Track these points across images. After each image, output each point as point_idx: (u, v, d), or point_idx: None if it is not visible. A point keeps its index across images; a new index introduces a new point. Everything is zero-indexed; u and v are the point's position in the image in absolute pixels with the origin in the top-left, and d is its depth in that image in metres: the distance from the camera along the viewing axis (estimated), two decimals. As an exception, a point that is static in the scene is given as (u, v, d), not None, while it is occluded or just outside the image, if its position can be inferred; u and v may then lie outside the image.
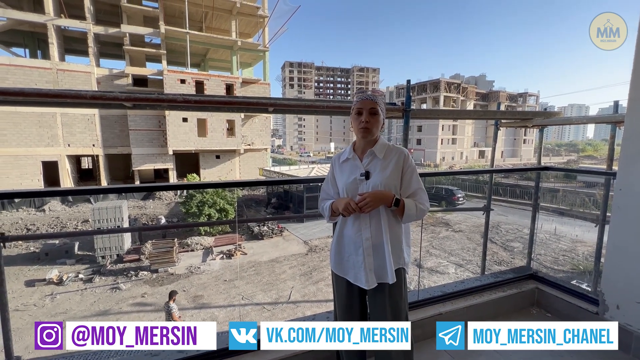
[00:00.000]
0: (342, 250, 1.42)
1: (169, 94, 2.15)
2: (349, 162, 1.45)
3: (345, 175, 1.43)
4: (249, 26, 26.16)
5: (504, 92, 60.14)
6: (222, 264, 12.01)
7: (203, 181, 17.47)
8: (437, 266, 11.55)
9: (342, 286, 1.43)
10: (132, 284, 10.46)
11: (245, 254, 12.87)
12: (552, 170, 2.81)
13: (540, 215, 16.49)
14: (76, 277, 10.74)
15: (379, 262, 1.34)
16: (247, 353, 1.62)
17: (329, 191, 1.51)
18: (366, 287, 1.33)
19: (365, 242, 1.35)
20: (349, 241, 1.40)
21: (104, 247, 12.17)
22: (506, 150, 60.64)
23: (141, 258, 11.98)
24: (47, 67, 18.81)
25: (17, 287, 10.19)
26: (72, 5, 19.96)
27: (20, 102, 1.85)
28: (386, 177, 1.35)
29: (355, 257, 1.37)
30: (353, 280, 1.38)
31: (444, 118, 5.83)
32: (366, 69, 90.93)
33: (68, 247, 12.57)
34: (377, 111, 1.37)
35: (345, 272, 1.41)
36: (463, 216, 17.67)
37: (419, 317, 1.98)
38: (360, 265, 1.35)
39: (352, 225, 1.39)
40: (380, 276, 1.34)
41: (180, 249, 12.87)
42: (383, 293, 1.35)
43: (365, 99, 1.37)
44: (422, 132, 53.18)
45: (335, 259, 1.45)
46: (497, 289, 2.34)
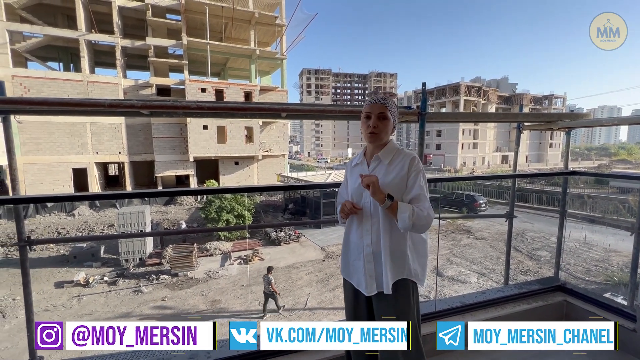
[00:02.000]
0: (348, 255, 1.42)
1: (184, 101, 2.21)
2: (358, 166, 1.44)
3: (353, 180, 1.42)
4: (267, 35, 26.74)
5: (527, 95, 58.17)
6: (239, 269, 12.13)
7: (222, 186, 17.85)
8: (458, 275, 11.16)
9: (349, 290, 1.43)
10: (153, 287, 10.72)
11: (262, 259, 12.95)
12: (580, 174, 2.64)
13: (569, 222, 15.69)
14: (101, 280, 11.14)
15: (379, 269, 1.31)
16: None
17: (344, 195, 1.50)
18: (366, 293, 1.32)
19: (366, 248, 1.33)
20: (353, 246, 1.40)
21: (127, 250, 12.59)
22: (531, 155, 58.36)
23: (162, 262, 12.30)
24: (78, 80, 19.91)
25: (48, 288, 10.68)
26: (102, 20, 21.14)
27: (45, 112, 1.96)
28: (388, 183, 1.30)
29: (358, 262, 1.36)
30: (356, 285, 1.37)
31: (461, 121, 5.67)
32: (383, 74, 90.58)
33: (94, 251, 13.10)
34: (387, 116, 1.33)
35: (350, 276, 1.41)
36: (485, 223, 17.06)
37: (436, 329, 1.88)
38: (361, 271, 1.34)
39: (356, 230, 1.38)
40: (380, 284, 1.30)
41: (199, 253, 13.12)
42: (387, 302, 1.31)
43: (374, 102, 1.34)
44: (441, 137, 52.16)
45: (343, 263, 1.45)
46: (521, 301, 2.21)
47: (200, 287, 10.73)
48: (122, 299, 9.98)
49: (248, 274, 11.61)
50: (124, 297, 10.09)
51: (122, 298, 10.06)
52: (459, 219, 17.84)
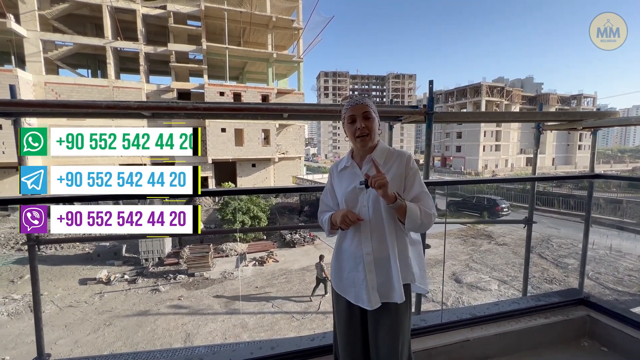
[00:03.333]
0: (342, 266, 1.29)
1: (180, 102, 2.22)
2: (348, 170, 1.34)
3: (344, 184, 1.31)
4: (284, 39, 27.02)
5: (554, 95, 55.70)
6: (254, 271, 12.20)
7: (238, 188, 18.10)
8: (477, 281, 10.74)
9: (342, 306, 1.31)
10: (171, 287, 10.96)
11: (276, 261, 12.98)
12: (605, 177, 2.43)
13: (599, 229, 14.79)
14: (122, 278, 11.50)
15: (382, 278, 1.20)
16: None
17: (328, 203, 1.40)
18: (369, 307, 1.19)
19: (366, 257, 1.22)
20: (348, 256, 1.27)
21: (147, 250, 12.95)
22: (558, 157, 55.77)
23: (180, 262, 12.56)
24: (104, 85, 20.82)
25: (72, 285, 11.14)
26: (127, 28, 22.04)
27: (47, 114, 2.01)
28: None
29: (356, 274, 1.24)
30: (354, 300, 1.24)
31: (472, 121, 5.43)
32: (402, 76, 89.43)
33: (117, 250, 13.57)
34: (371, 114, 1.26)
35: (345, 290, 1.28)
36: (508, 228, 16.37)
37: (442, 342, 1.76)
38: (361, 283, 1.22)
39: (352, 238, 1.26)
40: (386, 294, 1.20)
41: (215, 254, 13.31)
42: (388, 313, 1.21)
43: (355, 104, 1.27)
44: (462, 139, 50.80)
45: (335, 276, 1.32)
46: (538, 314, 2.04)
47: (215, 287, 10.87)
48: (141, 297, 10.25)
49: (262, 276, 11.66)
50: (142, 295, 10.36)
51: (140, 296, 10.34)
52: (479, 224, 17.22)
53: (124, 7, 21.07)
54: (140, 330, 8.29)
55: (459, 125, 50.72)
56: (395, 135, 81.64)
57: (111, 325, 8.53)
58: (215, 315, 9.06)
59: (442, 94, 57.36)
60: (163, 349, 7.05)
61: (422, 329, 1.82)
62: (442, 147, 56.52)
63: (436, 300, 9.85)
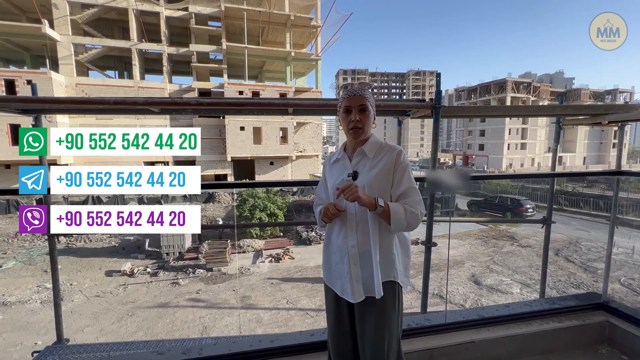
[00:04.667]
0: (330, 259, 1.29)
1: (184, 98, 2.28)
2: (339, 162, 1.32)
3: (335, 176, 1.31)
4: (302, 37, 27.08)
5: (586, 90, 52.78)
6: (270, 267, 12.36)
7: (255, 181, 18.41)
8: (498, 284, 10.37)
9: (331, 298, 1.31)
10: (190, 280, 11.30)
11: (292, 258, 13.09)
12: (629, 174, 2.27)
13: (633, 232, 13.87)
14: (144, 271, 11.98)
15: (367, 272, 1.18)
16: None
17: (322, 195, 1.40)
18: (352, 300, 1.18)
19: (351, 250, 1.20)
20: (335, 249, 1.26)
21: (168, 244, 13.41)
22: (590, 155, 52.79)
23: (199, 257, 12.92)
24: (130, 86, 21.69)
25: (99, 276, 11.72)
26: (151, 30, 22.82)
27: (62, 110, 2.12)
28: (373, 177, 1.19)
29: (342, 266, 1.23)
30: (340, 293, 1.24)
31: (483, 115, 5.11)
32: (422, 72, 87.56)
33: (140, 243, 14.15)
34: (367, 107, 1.23)
35: (332, 282, 1.28)
36: (532, 229, 15.69)
37: (446, 342, 1.71)
38: (346, 276, 1.21)
39: (339, 231, 1.25)
40: (368, 289, 1.18)
41: (232, 250, 13.59)
42: (373, 308, 1.18)
43: (352, 94, 1.24)
44: (485, 137, 49.15)
45: (325, 268, 1.33)
46: (551, 318, 1.93)
47: (232, 282, 11.11)
48: (162, 290, 10.64)
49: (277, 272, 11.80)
50: (163, 288, 10.75)
51: (161, 289, 10.73)
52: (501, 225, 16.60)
53: (149, 9, 21.82)
54: (160, 321, 8.60)
55: (482, 123, 49.13)
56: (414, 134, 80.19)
57: (133, 316, 8.91)
58: (232, 310, 9.27)
59: (465, 91, 55.69)
60: (172, 339, 7.30)
61: (425, 328, 1.77)
62: (464, 145, 54.92)
63: (454, 301, 9.62)
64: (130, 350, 2.01)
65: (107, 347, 2.00)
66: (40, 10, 19.11)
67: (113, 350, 2.10)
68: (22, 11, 21.63)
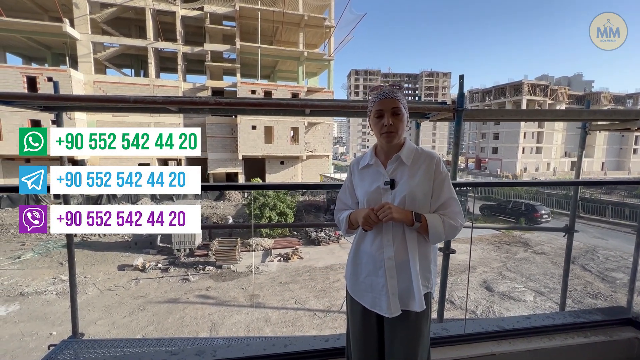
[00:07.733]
0: (359, 270, 1.22)
1: (202, 97, 2.27)
2: (371, 168, 1.25)
3: (367, 183, 1.24)
4: (315, 37, 27.09)
5: (606, 94, 51.17)
6: (279, 266, 12.38)
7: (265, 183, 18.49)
8: (511, 291, 10.13)
9: (358, 312, 1.23)
10: (199, 277, 11.42)
11: (301, 258, 13.08)
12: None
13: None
14: (156, 266, 12.16)
15: (404, 285, 1.12)
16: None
17: (346, 201, 1.33)
18: (388, 314, 1.12)
19: (387, 262, 1.14)
20: (367, 259, 1.19)
21: (179, 241, 13.59)
22: (609, 161, 51.18)
23: (209, 254, 13.05)
24: (145, 84, 22.10)
25: (112, 270, 11.95)
26: (167, 29, 23.23)
27: (83, 108, 2.15)
28: (414, 186, 1.13)
29: (375, 279, 1.16)
30: (370, 306, 1.17)
31: (507, 119, 4.98)
32: (436, 74, 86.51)
33: (152, 239, 14.37)
34: (400, 110, 1.17)
35: (361, 295, 1.21)
36: (547, 236, 15.30)
37: (465, 354, 1.65)
38: (381, 289, 1.14)
39: (373, 241, 1.19)
40: (406, 302, 1.12)
41: (242, 248, 13.68)
42: (407, 322, 1.13)
43: (384, 97, 1.17)
44: (499, 140, 48.21)
45: (351, 280, 1.25)
46: (576, 333, 1.85)
47: (241, 280, 11.17)
48: (172, 285, 10.78)
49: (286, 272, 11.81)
50: (173, 284, 10.88)
51: (172, 284, 10.87)
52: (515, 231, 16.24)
53: (165, 9, 22.20)
54: (170, 316, 8.71)
55: (496, 126, 48.20)
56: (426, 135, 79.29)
57: (144, 310, 9.05)
58: (240, 308, 9.31)
59: (479, 93, 54.74)
60: (183, 337, 7.37)
61: (443, 338, 1.72)
62: (477, 148, 53.99)
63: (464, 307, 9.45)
64: (143, 348, 2.02)
65: (121, 344, 2.02)
66: (61, 10, 19.66)
67: (126, 347, 2.12)
68: (45, 10, 22.29)
